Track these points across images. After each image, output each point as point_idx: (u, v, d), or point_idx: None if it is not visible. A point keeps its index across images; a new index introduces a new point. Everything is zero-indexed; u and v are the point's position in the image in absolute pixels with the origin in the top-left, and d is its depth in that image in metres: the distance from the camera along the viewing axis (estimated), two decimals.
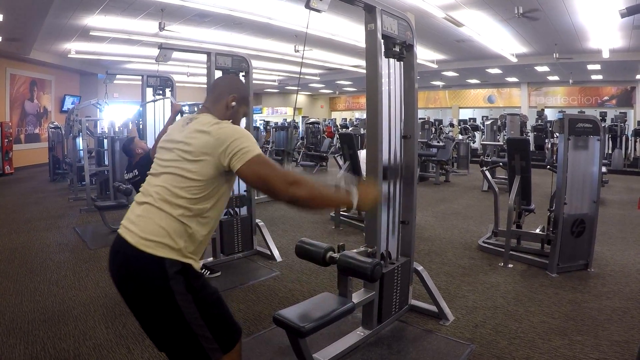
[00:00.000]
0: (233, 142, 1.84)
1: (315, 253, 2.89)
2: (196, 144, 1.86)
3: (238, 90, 2.15)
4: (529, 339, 3.39)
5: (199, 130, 1.90)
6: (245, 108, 2.20)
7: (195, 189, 1.85)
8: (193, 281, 1.88)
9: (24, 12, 8.96)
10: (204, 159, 1.84)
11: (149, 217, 1.85)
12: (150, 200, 1.88)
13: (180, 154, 1.89)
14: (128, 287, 1.89)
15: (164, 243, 1.81)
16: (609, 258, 5.34)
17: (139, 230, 1.84)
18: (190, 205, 1.85)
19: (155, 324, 1.92)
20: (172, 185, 1.86)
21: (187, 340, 1.86)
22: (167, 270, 1.81)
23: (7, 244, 5.98)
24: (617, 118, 15.28)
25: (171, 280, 1.81)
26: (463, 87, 24.55)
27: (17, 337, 3.39)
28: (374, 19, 3.09)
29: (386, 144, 3.37)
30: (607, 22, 10.34)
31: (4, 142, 13.29)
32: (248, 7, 9.70)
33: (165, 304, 1.82)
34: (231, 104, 2.10)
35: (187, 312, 1.83)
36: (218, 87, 2.19)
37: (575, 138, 4.76)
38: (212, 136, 1.85)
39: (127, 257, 1.85)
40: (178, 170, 1.87)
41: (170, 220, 1.83)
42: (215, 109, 2.07)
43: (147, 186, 1.96)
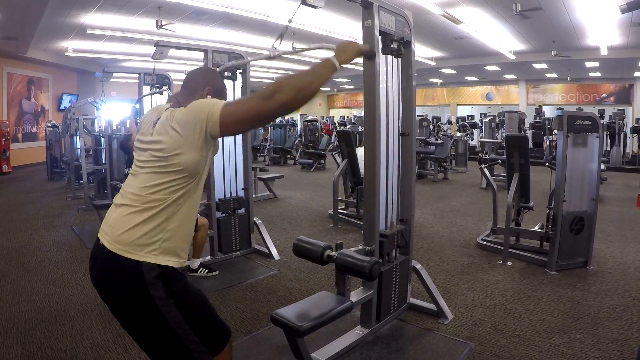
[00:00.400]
0: (200, 110, 1.75)
1: (313, 252, 2.87)
2: (165, 139, 1.79)
3: (213, 83, 2.07)
4: (529, 337, 3.38)
5: (167, 123, 1.81)
6: (223, 97, 2.09)
7: (174, 182, 1.79)
8: (173, 285, 1.82)
9: (21, 11, 8.91)
10: (179, 152, 1.77)
11: (126, 219, 1.80)
12: (127, 201, 1.84)
13: (153, 154, 1.82)
14: (108, 293, 1.83)
15: (142, 245, 1.77)
16: (608, 255, 5.33)
17: (116, 233, 1.80)
18: (168, 197, 1.80)
19: (139, 330, 1.86)
20: (150, 184, 1.80)
21: (173, 345, 1.82)
22: (145, 275, 1.75)
23: (4, 243, 5.96)
24: (615, 115, 15.28)
25: (150, 286, 1.76)
26: (461, 84, 24.53)
27: (14, 337, 3.37)
28: (372, 15, 3.07)
29: (384, 142, 3.36)
30: (605, 19, 10.32)
31: (1, 141, 13.24)
32: (245, 5, 9.67)
33: (146, 310, 1.77)
34: (207, 97, 1.99)
35: (170, 317, 1.79)
36: (192, 80, 2.07)
37: (574, 135, 4.75)
38: (178, 123, 1.77)
39: (104, 263, 1.82)
40: (155, 169, 1.81)
41: (148, 220, 1.79)
42: (187, 102, 1.91)
43: (125, 187, 1.91)
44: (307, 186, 10.97)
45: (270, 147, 16.88)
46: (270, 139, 17.23)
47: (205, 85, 2.03)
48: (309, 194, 9.72)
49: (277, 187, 9.64)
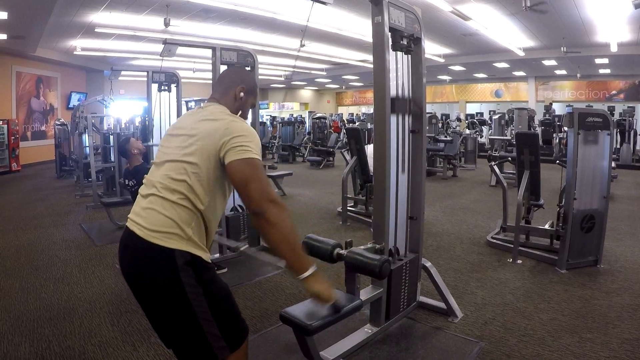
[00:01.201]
0: (239, 137, 1.83)
1: (322, 250, 2.86)
2: (202, 130, 1.87)
3: (246, 82, 2.16)
4: (539, 336, 3.35)
5: (209, 118, 1.92)
6: (253, 99, 2.22)
7: (195, 175, 1.83)
8: (203, 273, 1.86)
9: (29, 10, 8.95)
10: (203, 143, 1.83)
11: (155, 208, 1.84)
12: (154, 191, 1.87)
13: (184, 140, 1.90)
14: (138, 280, 1.88)
15: (172, 233, 1.80)
16: (619, 254, 5.28)
17: (146, 222, 1.83)
18: (193, 191, 1.83)
19: (163, 318, 1.89)
20: (175, 172, 1.85)
21: (194, 336, 1.84)
22: (177, 261, 1.79)
23: (14, 241, 5.98)
24: (625, 112, 15.17)
25: (181, 272, 1.79)
26: (470, 81, 24.45)
27: (23, 335, 3.38)
28: (381, 11, 3.05)
29: (394, 139, 3.33)
30: (616, 16, 10.25)
31: (11, 140, 13.32)
32: (253, 2, 9.66)
33: (174, 297, 1.80)
34: (240, 95, 2.11)
35: (197, 305, 1.81)
36: (226, 78, 2.19)
37: (585, 132, 4.71)
38: (222, 125, 1.86)
39: (136, 250, 1.85)
40: (179, 156, 1.87)
41: (176, 208, 1.82)
42: (223, 100, 2.08)
43: (150, 177, 1.96)
44: (315, 184, 10.95)
45: (279, 144, 16.89)
46: (279, 136, 17.24)
47: (239, 83, 2.12)
48: (317, 192, 9.71)
49: (286, 184, 9.63)
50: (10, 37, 11.16)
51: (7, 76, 13.92)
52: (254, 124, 5.34)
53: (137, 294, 1.91)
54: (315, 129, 15.83)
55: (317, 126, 15.76)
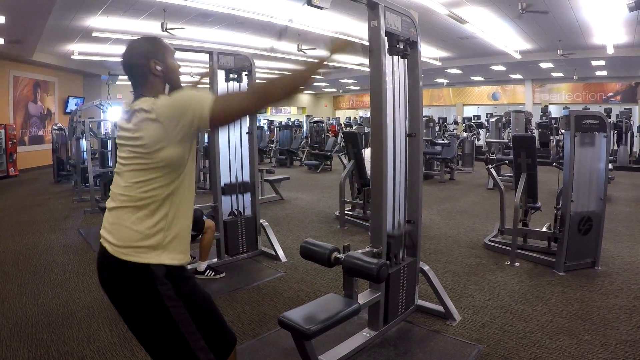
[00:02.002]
0: (182, 114, 1.69)
1: (320, 254, 2.87)
2: (147, 135, 1.71)
3: (153, 51, 1.90)
4: (537, 338, 3.36)
5: (144, 118, 1.73)
6: (172, 61, 1.96)
7: (160, 178, 1.75)
8: (182, 285, 1.82)
9: (26, 14, 8.94)
10: (161, 146, 1.71)
11: (122, 222, 1.78)
12: (118, 203, 1.81)
13: (133, 149, 1.76)
14: (118, 297, 1.84)
15: (143, 247, 1.75)
16: (617, 256, 5.29)
17: (116, 238, 1.78)
18: (158, 193, 1.76)
19: (148, 334, 1.85)
20: (136, 181, 1.76)
21: (181, 350, 1.80)
22: (153, 275, 1.75)
23: (11, 246, 5.97)
24: (622, 114, 15.23)
25: (159, 286, 1.75)
26: (467, 84, 24.49)
27: (21, 341, 3.38)
28: (377, 15, 3.06)
29: (391, 143, 3.34)
30: (612, 18, 10.28)
31: (8, 144, 13.29)
32: (250, 7, 9.68)
33: (156, 312, 1.77)
34: (157, 69, 1.89)
35: (179, 319, 1.78)
36: (132, 67, 1.90)
37: (582, 135, 4.72)
38: (158, 118, 1.70)
39: (111, 269, 1.80)
40: (137, 165, 1.76)
41: (143, 218, 1.76)
42: (147, 89, 1.88)
43: (113, 189, 1.87)
44: (313, 188, 10.96)
45: (277, 148, 16.90)
46: (277, 140, 17.25)
47: (147, 61, 1.88)
48: (315, 196, 9.71)
49: (283, 188, 9.63)
50: (7, 41, 11.15)
51: (4, 81, 13.89)
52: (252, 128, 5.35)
53: (118, 309, 1.87)
54: (313, 133, 15.83)
55: (315, 130, 15.77)
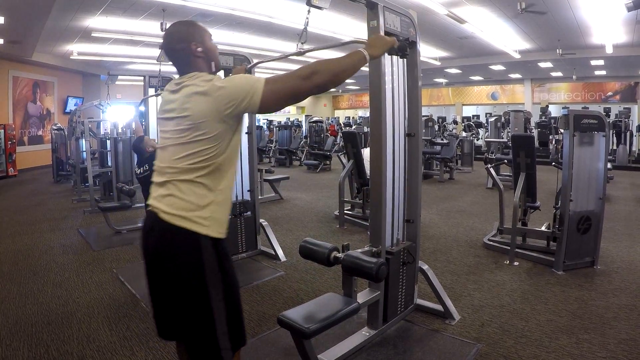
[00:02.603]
0: (235, 96, 1.79)
1: (319, 253, 2.87)
2: (194, 107, 1.80)
3: (191, 35, 1.99)
4: (536, 337, 3.36)
5: (195, 92, 1.82)
6: (209, 42, 2.05)
7: (206, 151, 1.82)
8: (224, 260, 1.92)
9: (26, 15, 8.95)
10: (208, 120, 1.80)
11: (174, 194, 1.85)
12: (168, 177, 1.88)
13: (180, 122, 1.84)
14: (161, 262, 1.89)
15: (194, 217, 1.83)
16: (615, 255, 5.30)
17: (169, 207, 1.85)
18: (206, 165, 1.84)
19: (178, 304, 1.89)
20: (185, 154, 1.83)
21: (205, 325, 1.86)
22: (201, 244, 1.84)
23: (11, 246, 5.97)
24: (621, 114, 15.24)
25: (204, 254, 1.84)
26: (466, 84, 24.49)
27: (21, 340, 3.38)
28: (376, 15, 3.06)
29: (390, 142, 3.35)
30: (611, 17, 10.29)
31: (8, 144, 13.30)
32: (249, 7, 9.69)
33: (195, 280, 1.84)
34: (198, 50, 1.97)
35: (214, 293, 1.85)
36: (174, 52, 2.00)
37: (581, 134, 4.73)
38: (213, 96, 1.79)
39: (161, 231, 1.87)
40: (184, 138, 1.83)
41: (193, 189, 1.84)
42: (193, 68, 1.96)
43: (159, 163, 1.95)
44: (312, 187, 10.96)
45: (276, 148, 16.90)
46: (276, 140, 17.25)
47: (188, 44, 1.97)
48: (314, 195, 9.72)
49: (282, 188, 9.64)
50: (7, 41, 11.16)
51: (3, 81, 13.89)
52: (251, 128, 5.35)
53: (156, 277, 1.94)
54: (312, 132, 15.83)
55: (314, 130, 15.77)
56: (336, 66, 1.91)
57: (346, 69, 1.95)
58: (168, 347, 3.20)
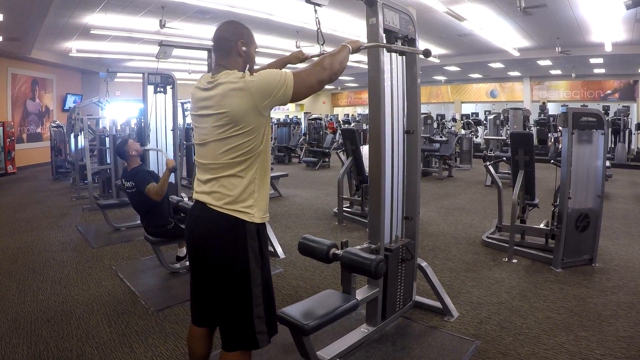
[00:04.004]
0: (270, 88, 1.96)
1: (318, 250, 2.88)
2: (232, 104, 1.94)
3: (242, 33, 2.17)
4: (534, 334, 3.37)
5: (232, 89, 1.95)
6: (254, 45, 2.25)
7: (245, 143, 1.98)
8: (264, 247, 2.12)
9: (24, 12, 8.93)
10: (246, 114, 1.95)
11: (219, 190, 2.03)
12: (212, 174, 2.05)
13: (219, 118, 1.97)
14: (210, 245, 2.06)
15: (239, 208, 2.02)
16: (614, 253, 5.31)
17: (216, 201, 2.03)
18: (246, 158, 2.00)
19: (220, 287, 2.08)
20: (225, 150, 1.99)
21: (243, 310, 2.04)
22: (247, 230, 2.03)
23: (10, 243, 5.97)
24: (619, 112, 15.24)
25: (249, 240, 2.04)
26: (465, 81, 24.49)
27: (20, 337, 3.39)
28: (376, 12, 3.07)
29: (389, 140, 3.35)
30: (610, 15, 10.29)
31: (6, 142, 13.29)
32: (248, 4, 9.67)
33: (238, 263, 2.03)
34: (242, 50, 2.14)
35: (254, 277, 2.04)
36: (222, 40, 2.15)
37: (579, 132, 4.74)
38: (250, 90, 1.93)
39: (209, 220, 2.05)
40: (224, 133, 1.97)
41: (237, 183, 2.02)
42: (229, 63, 2.12)
43: (200, 159, 2.12)
44: (311, 184, 10.96)
45: (275, 145, 16.89)
46: (275, 137, 17.24)
47: (237, 38, 2.14)
48: (313, 193, 9.72)
49: (281, 185, 9.65)
50: (5, 38, 11.13)
51: (2, 78, 13.87)
52: None
53: (201, 263, 2.13)
54: (311, 129, 15.84)
55: (313, 127, 15.77)
56: (340, 56, 2.19)
57: (345, 59, 2.24)
58: (167, 344, 3.21)
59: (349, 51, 2.31)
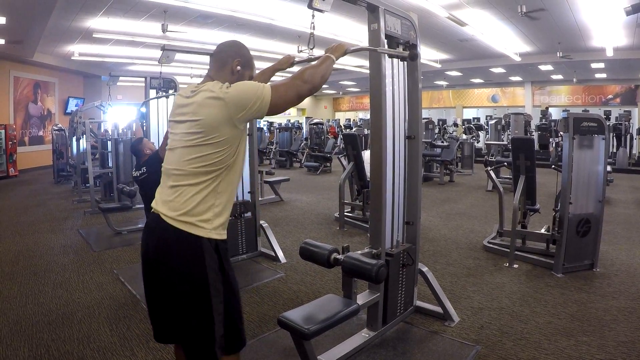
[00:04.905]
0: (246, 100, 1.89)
1: (319, 255, 2.88)
2: (208, 112, 1.88)
3: (241, 54, 2.14)
4: (535, 340, 3.37)
5: (209, 97, 1.90)
6: (250, 72, 2.19)
7: (215, 155, 1.90)
8: (225, 261, 1.99)
9: (27, 15, 8.97)
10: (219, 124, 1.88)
11: (178, 198, 1.92)
12: (174, 180, 1.95)
13: (192, 125, 1.91)
14: (163, 261, 1.94)
15: (196, 221, 1.90)
16: (615, 258, 5.31)
17: (172, 211, 1.91)
18: (212, 170, 1.91)
19: (178, 305, 1.94)
20: (192, 157, 1.90)
21: (203, 326, 1.91)
22: (204, 246, 1.90)
23: (12, 246, 5.98)
24: (621, 116, 15.25)
25: (207, 257, 1.90)
26: (467, 86, 24.51)
27: (21, 340, 3.39)
28: (377, 18, 3.08)
29: (390, 145, 3.36)
30: (611, 20, 10.30)
31: (8, 145, 13.31)
32: (250, 8, 9.70)
33: (196, 281, 1.90)
34: (236, 69, 2.10)
35: (214, 292, 1.92)
36: (221, 53, 2.14)
37: (580, 137, 4.74)
38: (225, 101, 1.87)
39: (164, 232, 1.92)
40: (193, 141, 1.90)
41: (199, 193, 1.91)
42: (219, 76, 2.06)
43: (167, 165, 2.02)
44: (313, 189, 10.97)
45: (276, 150, 16.90)
46: (276, 142, 17.25)
47: (234, 57, 2.10)
48: (315, 197, 9.73)
49: (283, 190, 9.66)
50: (8, 42, 11.17)
51: (4, 81, 13.92)
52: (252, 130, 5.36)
53: (155, 279, 1.99)
54: (313, 134, 15.85)
55: (314, 132, 15.79)
56: (322, 69, 2.10)
57: (327, 70, 2.15)
58: (168, 348, 3.21)
59: (333, 61, 2.23)
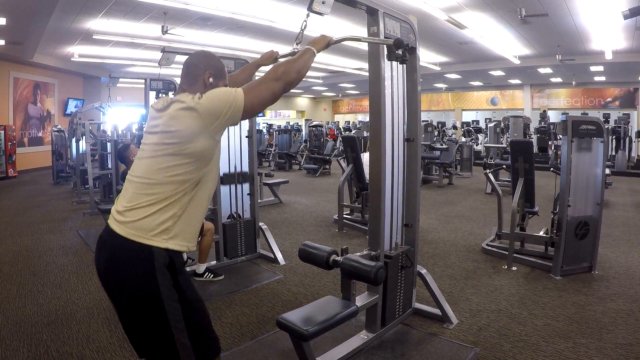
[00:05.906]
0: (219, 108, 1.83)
1: (318, 257, 2.89)
2: (182, 124, 1.81)
3: (212, 65, 2.06)
4: (533, 342, 3.38)
5: (181, 108, 1.83)
6: (224, 82, 2.11)
7: (183, 166, 1.82)
8: (180, 278, 1.88)
9: (27, 16, 8.98)
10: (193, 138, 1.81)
11: (136, 206, 1.82)
12: (136, 188, 1.86)
13: (164, 137, 1.84)
14: (113, 279, 1.87)
15: (151, 228, 1.80)
16: (613, 260, 5.32)
17: (127, 219, 1.82)
18: (180, 180, 1.83)
19: (136, 322, 1.89)
20: (161, 167, 1.82)
21: (165, 344, 1.83)
22: (155, 262, 1.79)
23: (11, 247, 5.99)
24: (620, 119, 15.27)
25: (158, 273, 1.79)
26: (466, 89, 24.53)
27: (21, 340, 3.39)
28: (377, 21, 3.09)
29: (389, 147, 3.37)
30: (610, 24, 10.32)
31: (8, 146, 13.31)
32: (250, 11, 9.71)
33: (149, 299, 1.80)
34: (209, 81, 2.03)
35: (170, 311, 1.81)
36: (191, 66, 2.05)
37: (579, 140, 4.76)
38: (199, 111, 1.81)
39: (114, 247, 1.83)
40: (162, 151, 1.83)
41: (158, 202, 1.81)
42: (192, 90, 1.96)
43: (132, 173, 1.92)
44: (312, 191, 10.98)
45: (276, 152, 16.90)
46: (276, 144, 17.25)
47: (205, 69, 2.03)
48: (314, 199, 9.74)
49: (282, 192, 9.66)
50: (8, 42, 11.18)
51: (4, 82, 13.93)
52: (251, 132, 5.37)
53: (111, 294, 1.92)
54: (312, 136, 15.87)
55: (314, 134, 15.80)
56: (298, 64, 2.03)
57: (305, 65, 2.08)
58: None
59: (313, 54, 2.17)
